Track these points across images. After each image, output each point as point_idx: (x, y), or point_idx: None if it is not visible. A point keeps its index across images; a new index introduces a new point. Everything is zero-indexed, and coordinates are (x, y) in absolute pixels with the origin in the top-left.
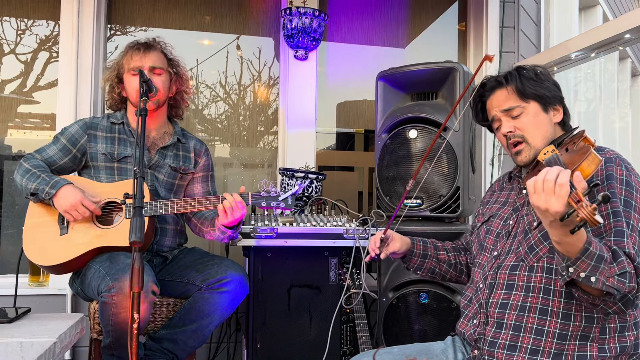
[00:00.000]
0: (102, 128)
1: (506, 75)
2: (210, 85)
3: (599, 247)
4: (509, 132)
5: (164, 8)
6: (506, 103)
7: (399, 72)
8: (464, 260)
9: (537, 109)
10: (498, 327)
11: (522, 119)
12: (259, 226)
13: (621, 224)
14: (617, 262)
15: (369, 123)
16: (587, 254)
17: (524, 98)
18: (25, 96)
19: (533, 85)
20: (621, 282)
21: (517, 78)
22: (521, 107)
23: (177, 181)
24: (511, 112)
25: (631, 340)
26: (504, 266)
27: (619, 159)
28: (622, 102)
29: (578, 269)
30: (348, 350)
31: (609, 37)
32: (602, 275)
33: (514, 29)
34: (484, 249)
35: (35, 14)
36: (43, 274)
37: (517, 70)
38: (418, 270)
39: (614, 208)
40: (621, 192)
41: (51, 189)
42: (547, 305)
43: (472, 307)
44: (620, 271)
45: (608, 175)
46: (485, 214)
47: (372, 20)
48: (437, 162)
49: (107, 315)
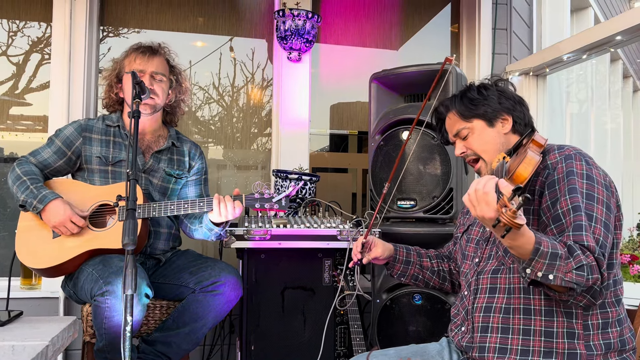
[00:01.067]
0: (97, 130)
1: (452, 98)
2: (203, 87)
3: (550, 245)
4: (462, 153)
5: (157, 9)
6: (454, 127)
7: (392, 74)
8: (447, 268)
9: (481, 125)
10: (484, 330)
11: (469, 139)
12: (252, 228)
13: (580, 218)
14: (573, 257)
15: (362, 125)
16: (539, 253)
17: (465, 119)
18: (17, 98)
19: (474, 105)
20: (580, 276)
21: (458, 101)
22: (466, 128)
23: (171, 185)
24: (459, 134)
25: (615, 337)
26: (486, 271)
27: (579, 154)
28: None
29: (534, 269)
30: (342, 352)
31: (600, 38)
32: (559, 271)
33: (507, 31)
34: (466, 257)
35: (27, 16)
36: (35, 276)
37: (461, 93)
38: (401, 277)
39: (574, 203)
40: (582, 185)
41: (39, 204)
42: (529, 304)
43: (460, 314)
44: (577, 265)
45: (568, 172)
46: (465, 224)
47: (365, 22)
48: (431, 164)
49: (100, 319)
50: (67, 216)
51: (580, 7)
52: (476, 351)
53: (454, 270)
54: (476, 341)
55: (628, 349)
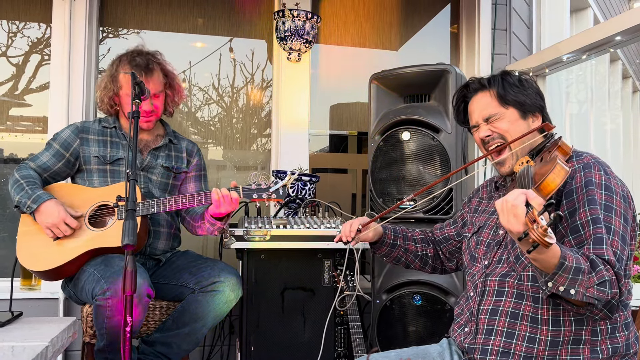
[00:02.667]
0: (94, 131)
1: (490, 78)
2: (203, 87)
3: (574, 260)
4: (486, 136)
5: (156, 10)
6: (487, 111)
7: (392, 75)
8: (431, 253)
9: (515, 115)
10: (488, 333)
11: (498, 122)
12: (252, 228)
13: (600, 231)
14: (595, 272)
15: (362, 125)
16: (563, 268)
17: (504, 104)
18: (16, 99)
19: (515, 92)
20: (601, 292)
21: (499, 83)
22: (500, 114)
23: (171, 181)
24: (490, 119)
25: (622, 341)
26: (494, 273)
27: (597, 163)
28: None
29: (556, 283)
30: (342, 353)
31: (600, 39)
32: (581, 286)
33: (506, 32)
34: (475, 259)
35: (26, 17)
36: (35, 277)
37: (501, 75)
38: (384, 257)
39: (593, 215)
40: (601, 197)
41: (32, 204)
42: (537, 313)
43: (464, 315)
44: (599, 280)
45: (587, 182)
46: (475, 224)
47: (364, 22)
48: (430, 164)
49: (101, 319)
50: (61, 218)
51: (579, 7)
52: (478, 353)
53: (440, 255)
54: (479, 343)
55: (632, 352)
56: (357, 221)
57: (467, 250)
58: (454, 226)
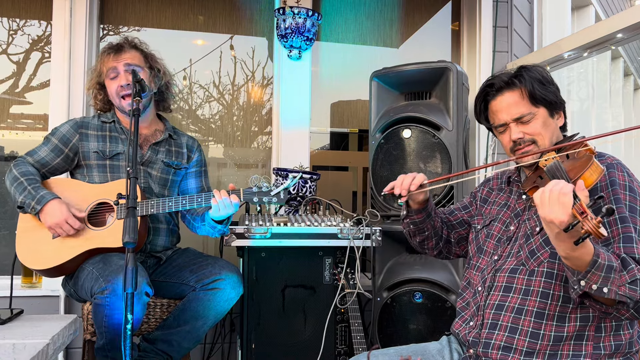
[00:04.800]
0: (93, 127)
1: (516, 76)
2: (203, 85)
3: (607, 258)
4: (519, 139)
5: (157, 8)
6: (517, 110)
7: (392, 72)
8: (445, 235)
9: (545, 114)
10: (492, 327)
11: (532, 124)
12: (253, 226)
13: (629, 230)
14: (627, 270)
15: (363, 123)
16: (597, 266)
17: (535, 103)
18: (17, 97)
19: (541, 89)
20: (633, 290)
21: (527, 80)
22: (532, 113)
23: (171, 177)
24: (522, 119)
25: (626, 339)
26: (504, 269)
27: (620, 165)
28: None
29: (589, 281)
30: (343, 350)
31: (601, 36)
32: (613, 285)
33: (507, 29)
34: (483, 252)
35: (27, 14)
36: (36, 275)
37: (524, 70)
38: (412, 225)
39: (621, 214)
40: (625, 197)
41: (37, 205)
42: (543, 309)
43: (469, 309)
44: (631, 279)
45: (612, 182)
46: (486, 217)
47: (365, 20)
48: (431, 162)
49: (100, 317)
50: (64, 217)
51: (581, 4)
52: (481, 347)
53: (451, 239)
54: (483, 337)
55: (634, 350)
56: (421, 177)
57: (475, 241)
58: (466, 212)
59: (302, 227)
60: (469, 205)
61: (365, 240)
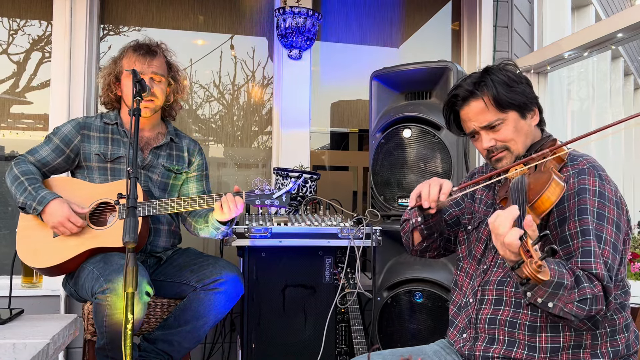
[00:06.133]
0: (96, 128)
1: (478, 82)
2: (204, 85)
3: (558, 274)
4: (490, 146)
5: (157, 8)
6: (484, 118)
7: (393, 72)
8: (446, 235)
9: (515, 117)
10: (489, 342)
11: (502, 130)
12: (253, 226)
13: (589, 243)
14: (578, 289)
15: (363, 122)
16: (544, 282)
17: (502, 109)
18: (17, 96)
19: (508, 92)
20: (580, 309)
21: (490, 86)
22: (500, 119)
23: (171, 181)
24: (491, 126)
25: (623, 343)
26: (492, 281)
27: (592, 168)
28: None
29: (535, 294)
30: (343, 350)
31: (602, 36)
32: (559, 301)
33: (508, 29)
34: (472, 257)
35: (27, 14)
36: (36, 275)
37: (487, 75)
38: (425, 230)
39: (583, 226)
40: (594, 204)
41: (38, 206)
42: (535, 322)
43: (461, 318)
44: (580, 298)
45: (580, 190)
46: (475, 217)
47: (366, 19)
48: (431, 162)
49: (101, 317)
50: (66, 216)
51: (581, 4)
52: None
53: (449, 236)
54: (479, 350)
55: (632, 352)
56: (448, 184)
57: (466, 243)
58: (459, 208)
59: (302, 227)
60: (460, 202)
61: (365, 240)
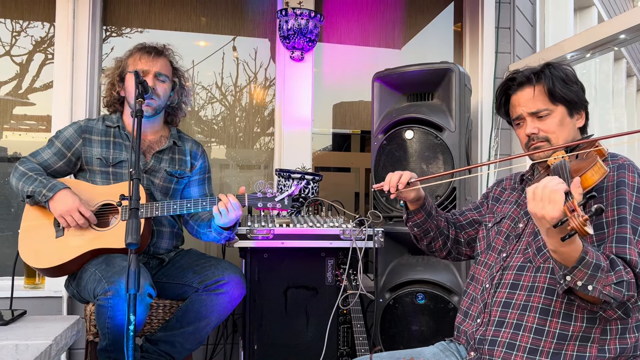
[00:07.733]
0: (97, 132)
1: (537, 72)
2: (206, 86)
3: (595, 256)
4: (532, 134)
5: (159, 9)
6: (534, 105)
7: (395, 73)
8: (453, 235)
9: (563, 113)
10: (498, 325)
11: (548, 121)
12: (255, 227)
13: (625, 231)
14: (614, 271)
15: (365, 124)
16: (584, 263)
17: (553, 101)
18: (20, 98)
19: (562, 87)
20: (617, 291)
21: (548, 77)
22: (549, 110)
23: (173, 185)
24: (539, 114)
25: (632, 342)
26: (511, 266)
27: (632, 166)
28: (617, 103)
29: (575, 277)
30: (345, 352)
31: (604, 37)
32: (598, 283)
33: (510, 30)
34: (491, 249)
35: (30, 16)
36: (38, 276)
37: (547, 68)
38: (415, 227)
39: (620, 214)
40: (632, 197)
41: (48, 192)
42: (549, 305)
43: (476, 305)
44: (617, 280)
45: (619, 182)
46: (497, 214)
47: (368, 21)
48: (434, 163)
49: (103, 318)
50: (75, 206)
51: (583, 5)
52: (487, 344)
53: (460, 239)
54: (489, 334)
55: (639, 354)
56: (407, 174)
57: (485, 238)
58: (477, 211)
59: (304, 228)
60: (480, 206)
61: (367, 242)
